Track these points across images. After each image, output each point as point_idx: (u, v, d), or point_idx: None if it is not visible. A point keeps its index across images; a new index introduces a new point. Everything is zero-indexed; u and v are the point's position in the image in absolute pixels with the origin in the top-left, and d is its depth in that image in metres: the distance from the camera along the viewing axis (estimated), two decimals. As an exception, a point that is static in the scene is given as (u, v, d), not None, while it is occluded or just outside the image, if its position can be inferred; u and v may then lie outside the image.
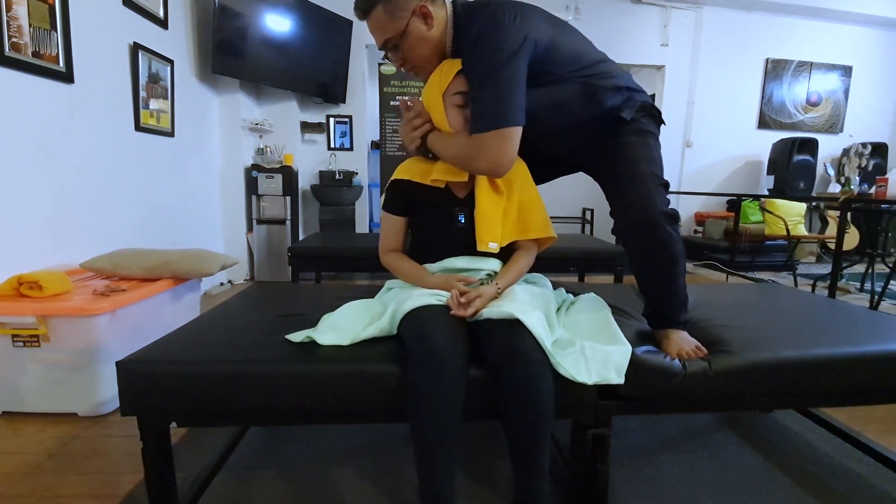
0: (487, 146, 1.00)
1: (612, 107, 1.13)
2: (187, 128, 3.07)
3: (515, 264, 1.16)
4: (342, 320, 1.09)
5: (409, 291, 1.09)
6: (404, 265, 1.19)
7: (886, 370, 1.07)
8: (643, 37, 4.52)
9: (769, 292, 1.64)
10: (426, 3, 1.04)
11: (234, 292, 3.11)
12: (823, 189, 4.98)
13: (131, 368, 0.91)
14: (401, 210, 1.21)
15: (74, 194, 2.09)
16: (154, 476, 0.94)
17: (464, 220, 1.15)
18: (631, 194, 1.08)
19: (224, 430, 1.36)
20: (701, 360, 1.02)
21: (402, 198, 1.20)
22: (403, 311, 1.01)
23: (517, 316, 0.94)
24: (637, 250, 1.11)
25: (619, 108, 1.14)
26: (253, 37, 3.41)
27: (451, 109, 1.08)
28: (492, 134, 0.99)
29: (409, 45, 1.07)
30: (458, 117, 1.07)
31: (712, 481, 1.24)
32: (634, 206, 1.07)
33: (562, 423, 1.07)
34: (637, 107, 1.16)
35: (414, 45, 1.07)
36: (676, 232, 1.08)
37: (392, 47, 1.09)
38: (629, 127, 1.15)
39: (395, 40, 1.06)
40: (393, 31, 1.05)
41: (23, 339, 1.51)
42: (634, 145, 1.13)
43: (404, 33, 1.05)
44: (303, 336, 1.03)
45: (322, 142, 4.28)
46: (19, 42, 1.78)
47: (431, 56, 1.10)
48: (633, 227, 1.08)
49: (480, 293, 1.02)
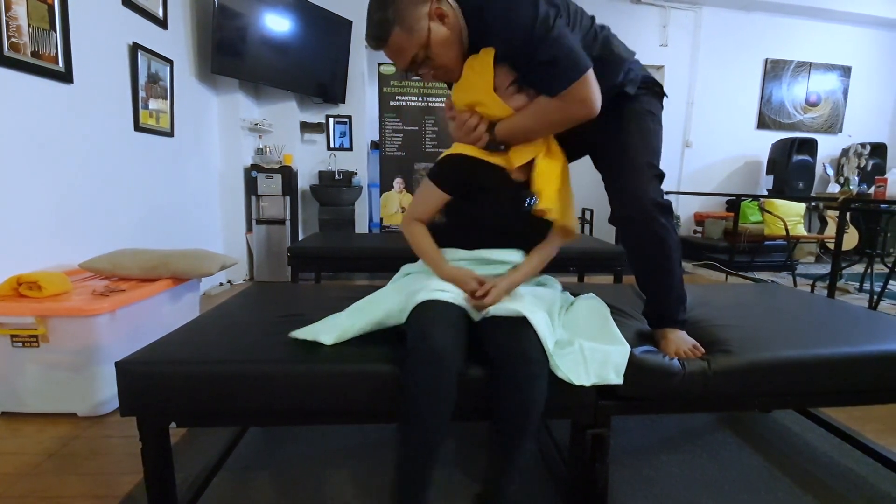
0: (577, 95, 1.00)
1: (614, 83, 1.11)
2: (187, 128, 3.06)
3: (539, 253, 1.15)
4: (347, 321, 1.08)
5: (423, 282, 1.07)
6: (423, 242, 1.12)
7: (885, 370, 1.07)
8: (642, 37, 4.52)
9: (768, 292, 1.64)
10: (436, 4, 1.01)
11: (233, 292, 3.11)
12: (822, 189, 4.99)
13: (131, 369, 0.91)
14: (450, 187, 1.12)
15: (73, 194, 2.09)
16: (153, 476, 0.94)
17: (531, 204, 1.10)
18: (624, 187, 1.08)
19: (223, 430, 1.35)
20: (700, 360, 1.02)
21: (457, 176, 1.11)
22: (414, 302, 0.99)
23: (524, 314, 0.94)
24: (631, 242, 1.12)
25: (622, 84, 1.13)
26: (252, 37, 3.40)
27: (510, 99, 1.06)
28: (576, 84, 0.99)
29: (436, 52, 1.03)
30: (520, 100, 1.06)
31: (712, 481, 1.24)
32: (627, 199, 1.07)
33: (561, 423, 1.07)
34: (639, 81, 1.15)
35: (441, 50, 1.04)
36: (671, 224, 1.08)
37: (421, 62, 1.05)
38: (631, 107, 1.14)
39: (422, 53, 1.03)
40: (417, 45, 1.02)
41: (22, 340, 1.51)
42: (632, 132, 1.13)
43: (428, 43, 1.02)
44: (308, 335, 1.03)
45: (321, 142, 4.28)
46: (18, 42, 1.78)
47: (458, 54, 1.07)
48: (626, 218, 1.09)
49: (496, 283, 1.02)
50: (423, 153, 4.25)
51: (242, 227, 3.68)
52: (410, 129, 4.21)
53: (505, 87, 1.05)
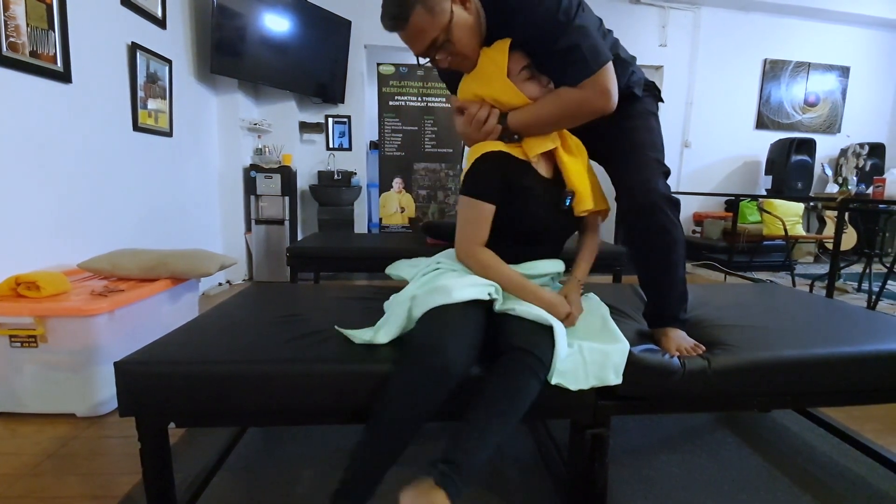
0: (599, 85, 1.01)
1: (622, 84, 1.12)
2: (185, 128, 3.06)
3: (589, 248, 1.17)
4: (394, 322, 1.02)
5: (445, 280, 0.99)
6: (501, 269, 1.03)
7: (884, 370, 1.07)
8: (642, 37, 4.52)
9: (767, 292, 1.64)
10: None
11: (232, 292, 3.11)
12: (821, 189, 5.00)
13: (129, 369, 0.91)
14: (494, 193, 1.03)
15: (72, 194, 2.08)
16: (152, 477, 0.94)
17: (569, 203, 1.08)
18: (634, 180, 1.10)
19: (223, 430, 1.35)
20: (699, 360, 1.02)
21: (498, 177, 1.03)
22: (429, 304, 0.94)
23: (551, 322, 0.94)
24: (637, 235, 1.13)
25: (629, 85, 1.15)
26: (251, 37, 3.40)
27: (523, 85, 1.05)
28: (599, 73, 1.00)
29: (457, 36, 1.01)
30: (533, 87, 1.06)
31: (711, 481, 1.24)
32: (637, 191, 1.08)
33: (560, 423, 1.07)
34: (643, 84, 1.17)
35: (462, 35, 1.02)
36: (677, 219, 1.10)
37: (440, 45, 1.02)
38: (636, 108, 1.16)
39: (443, 36, 1.00)
40: (439, 28, 0.99)
41: (20, 340, 1.50)
42: (640, 130, 1.15)
43: (450, 27, 1.00)
44: (363, 337, 1.01)
45: (321, 142, 4.28)
46: (17, 42, 1.77)
47: (477, 41, 1.06)
48: (634, 211, 1.10)
49: (576, 301, 1.06)
50: (423, 153, 4.25)
51: (241, 227, 3.68)
52: (410, 129, 4.21)
53: (517, 72, 1.04)
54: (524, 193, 1.05)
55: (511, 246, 1.08)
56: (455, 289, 0.95)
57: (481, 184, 1.04)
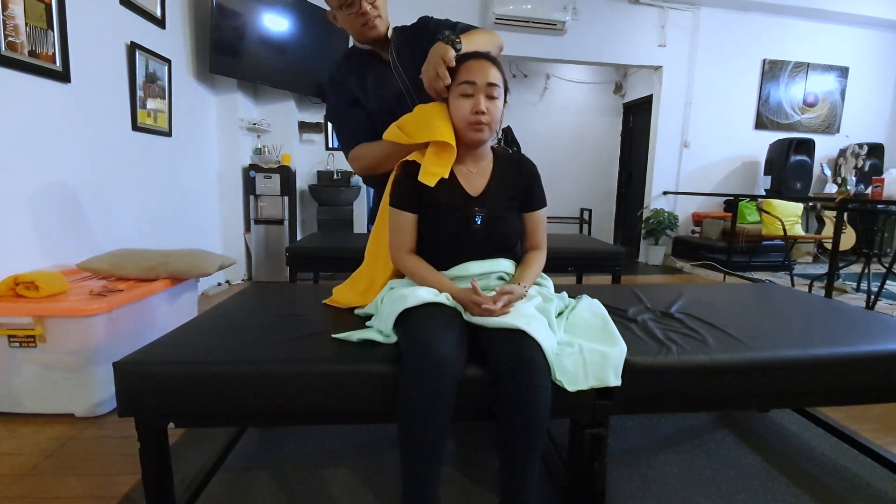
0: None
1: None
2: (185, 128, 3.06)
3: (533, 263, 1.16)
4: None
5: (407, 290, 1.04)
6: (424, 271, 1.09)
7: (882, 370, 1.07)
8: (641, 37, 4.52)
9: (766, 292, 1.64)
10: None
11: (231, 292, 3.11)
12: (820, 189, 5.01)
13: (128, 369, 0.91)
14: (413, 203, 1.10)
15: (71, 194, 2.08)
16: (151, 477, 0.94)
17: (480, 222, 1.10)
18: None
19: (222, 430, 1.35)
20: (698, 359, 1.02)
21: (416, 188, 1.08)
22: (401, 308, 0.97)
23: (524, 329, 0.92)
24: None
25: None
26: (251, 36, 3.40)
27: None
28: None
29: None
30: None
31: (709, 480, 1.24)
32: None
33: (560, 423, 1.08)
34: None
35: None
36: None
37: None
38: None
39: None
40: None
41: (19, 340, 1.50)
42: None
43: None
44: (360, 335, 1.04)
45: (320, 142, 4.27)
46: (16, 41, 1.77)
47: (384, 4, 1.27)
48: None
49: (512, 290, 1.02)
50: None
51: (241, 226, 3.68)
52: (409, 129, 4.19)
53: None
54: (437, 208, 1.11)
55: (439, 252, 1.12)
56: (411, 295, 1.00)
57: (399, 194, 1.12)
